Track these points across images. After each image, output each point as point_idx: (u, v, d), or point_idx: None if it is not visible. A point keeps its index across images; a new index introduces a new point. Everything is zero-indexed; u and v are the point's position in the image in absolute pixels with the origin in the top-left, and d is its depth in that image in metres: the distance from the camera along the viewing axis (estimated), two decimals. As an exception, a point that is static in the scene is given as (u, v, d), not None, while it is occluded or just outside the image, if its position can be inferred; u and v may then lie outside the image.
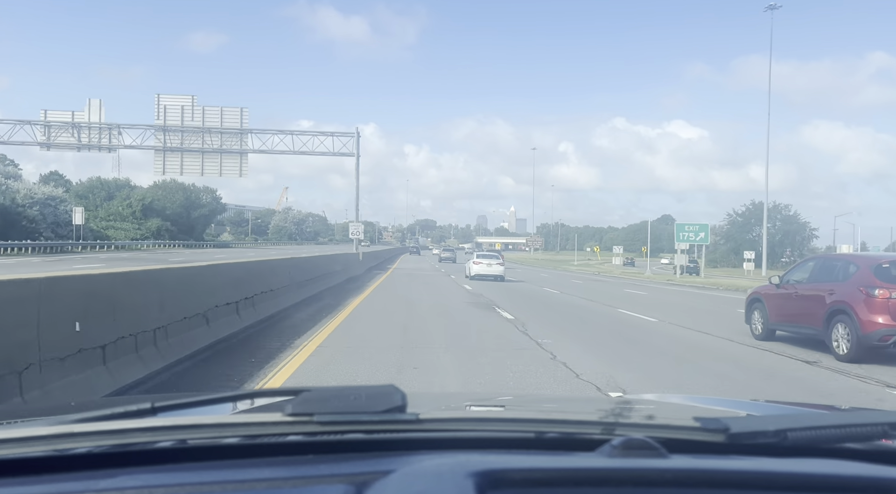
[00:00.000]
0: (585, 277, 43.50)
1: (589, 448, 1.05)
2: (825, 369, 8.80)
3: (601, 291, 26.28)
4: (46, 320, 4.75)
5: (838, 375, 8.40)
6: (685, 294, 26.65)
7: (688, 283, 36.63)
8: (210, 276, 9.58)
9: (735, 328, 12.62)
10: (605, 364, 8.43)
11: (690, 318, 15.29)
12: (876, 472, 0.99)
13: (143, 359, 6.26)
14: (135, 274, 7.00)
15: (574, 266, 70.10)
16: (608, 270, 57.50)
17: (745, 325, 12.18)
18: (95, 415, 1.13)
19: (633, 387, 6.97)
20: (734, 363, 9.25)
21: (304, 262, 17.90)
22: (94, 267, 17.98)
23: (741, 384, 7.70)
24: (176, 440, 1.04)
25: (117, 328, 5.81)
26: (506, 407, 1.91)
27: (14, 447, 0.99)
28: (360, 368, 7.61)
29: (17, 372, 4.40)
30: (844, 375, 8.38)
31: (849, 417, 1.16)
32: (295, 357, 8.08)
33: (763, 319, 11.49)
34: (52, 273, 5.60)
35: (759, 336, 11.46)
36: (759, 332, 11.50)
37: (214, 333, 8.54)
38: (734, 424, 1.08)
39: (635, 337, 11.56)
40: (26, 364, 4.49)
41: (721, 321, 14.66)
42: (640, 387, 6.96)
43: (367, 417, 1.05)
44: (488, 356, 8.82)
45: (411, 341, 9.92)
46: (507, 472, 0.91)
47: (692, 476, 0.94)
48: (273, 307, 12.06)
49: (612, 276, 46.27)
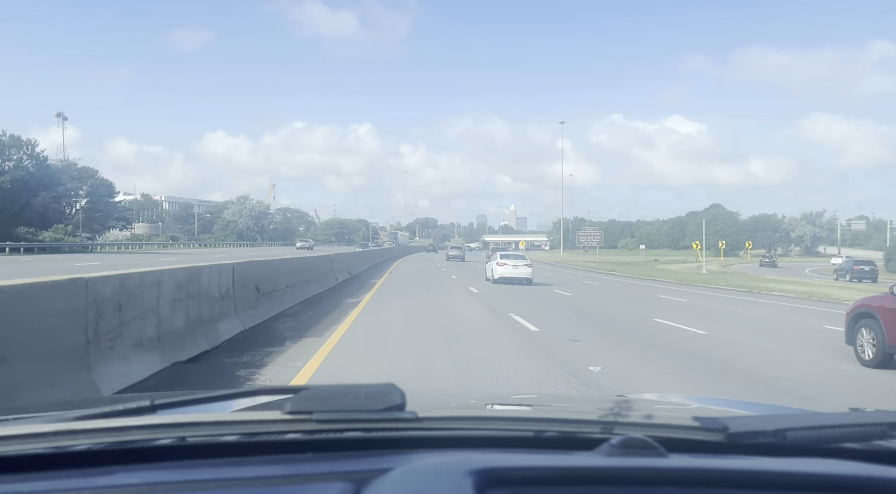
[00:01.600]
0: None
1: (588, 446, 1.05)
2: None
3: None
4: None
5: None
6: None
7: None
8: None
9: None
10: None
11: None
12: (874, 472, 0.99)
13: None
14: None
15: (682, 273, 44.23)
16: (767, 282, 33.44)
17: (850, 346, 9.62)
18: (95, 412, 1.13)
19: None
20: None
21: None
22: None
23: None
24: (175, 437, 1.04)
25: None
26: (505, 406, 1.91)
27: (15, 444, 0.99)
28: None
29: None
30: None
31: (847, 417, 1.16)
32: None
33: (878, 339, 9.03)
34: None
35: (868, 363, 9.11)
36: (870, 357, 9.11)
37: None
38: (733, 423, 1.08)
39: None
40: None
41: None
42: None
43: (366, 415, 1.05)
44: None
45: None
46: (506, 471, 0.91)
47: (691, 475, 0.94)
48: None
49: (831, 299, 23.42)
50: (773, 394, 7.18)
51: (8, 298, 4.46)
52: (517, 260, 26.20)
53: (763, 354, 10.14)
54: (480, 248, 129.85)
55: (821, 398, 7.17)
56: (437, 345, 9.54)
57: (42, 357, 4.73)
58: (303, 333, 10.26)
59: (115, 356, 5.80)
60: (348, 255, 29.89)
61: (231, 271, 9.95)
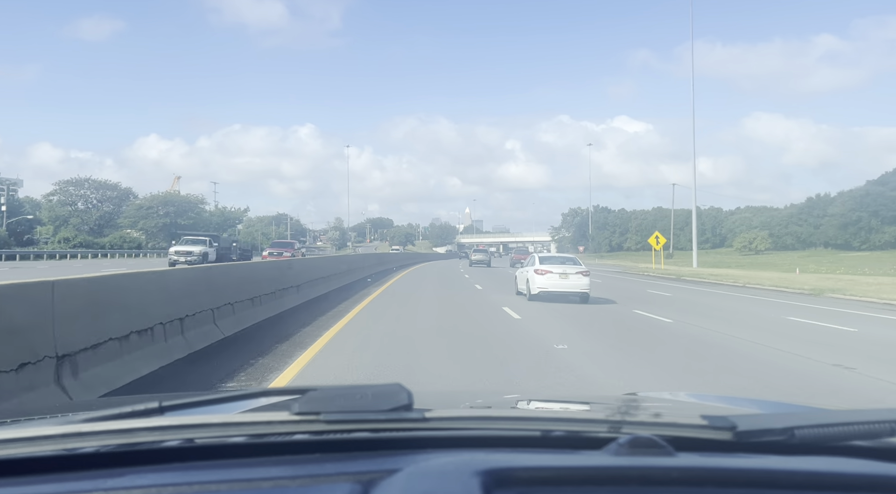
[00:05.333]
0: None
1: (596, 446, 1.04)
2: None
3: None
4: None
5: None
6: None
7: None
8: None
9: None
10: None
11: None
12: (883, 470, 0.99)
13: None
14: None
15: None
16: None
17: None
18: (103, 415, 1.14)
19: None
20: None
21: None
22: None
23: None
24: (183, 439, 1.04)
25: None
26: (512, 406, 1.91)
27: (23, 446, 1.00)
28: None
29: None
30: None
31: (856, 415, 1.16)
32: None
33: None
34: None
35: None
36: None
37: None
38: (741, 422, 1.08)
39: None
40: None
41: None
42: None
43: (373, 415, 1.05)
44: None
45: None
46: (513, 471, 0.91)
47: (699, 474, 0.94)
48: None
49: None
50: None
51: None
52: (566, 266, 18.40)
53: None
54: (456, 251, 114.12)
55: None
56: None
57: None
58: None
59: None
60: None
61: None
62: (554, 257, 19.80)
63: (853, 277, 35.68)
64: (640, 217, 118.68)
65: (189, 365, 7.01)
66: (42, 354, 4.77)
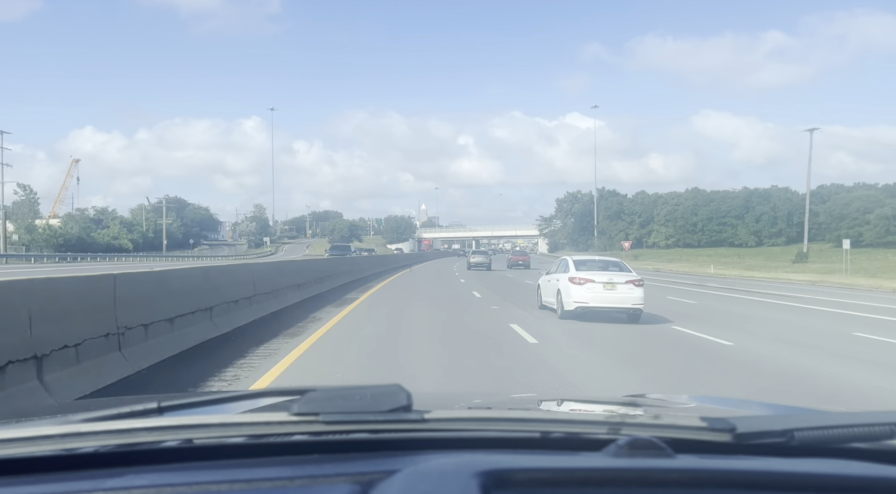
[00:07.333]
0: None
1: (595, 447, 1.04)
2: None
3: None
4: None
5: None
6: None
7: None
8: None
9: None
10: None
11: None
12: (883, 472, 0.99)
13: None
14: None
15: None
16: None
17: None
18: (102, 415, 1.14)
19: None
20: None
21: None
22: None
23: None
24: (182, 439, 1.04)
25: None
26: (511, 407, 1.90)
27: (21, 446, 1.00)
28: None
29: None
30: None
31: (856, 417, 1.16)
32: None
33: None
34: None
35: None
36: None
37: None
38: (741, 424, 1.08)
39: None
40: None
41: None
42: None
43: (372, 416, 1.05)
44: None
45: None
46: (512, 472, 0.91)
47: (699, 476, 0.94)
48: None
49: None
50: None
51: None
52: (612, 272, 13.61)
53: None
54: (415, 251, 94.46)
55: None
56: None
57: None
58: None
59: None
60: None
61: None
62: (593, 261, 14.85)
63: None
64: (673, 202, 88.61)
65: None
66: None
